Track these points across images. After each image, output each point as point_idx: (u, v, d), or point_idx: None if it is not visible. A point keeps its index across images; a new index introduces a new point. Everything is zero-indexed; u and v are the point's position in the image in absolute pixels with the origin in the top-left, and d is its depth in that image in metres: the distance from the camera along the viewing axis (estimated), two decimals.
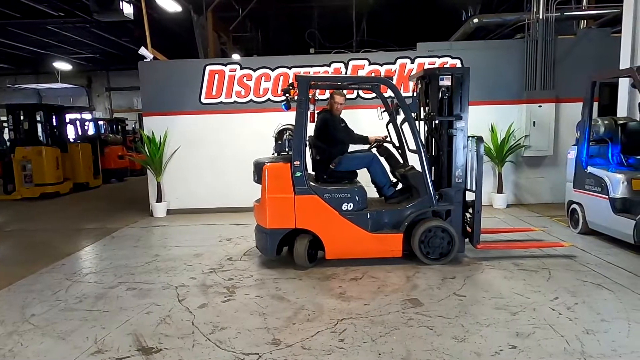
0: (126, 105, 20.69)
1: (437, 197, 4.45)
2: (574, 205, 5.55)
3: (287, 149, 4.44)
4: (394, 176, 5.02)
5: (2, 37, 14.40)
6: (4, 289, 4.21)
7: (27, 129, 10.23)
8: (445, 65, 7.23)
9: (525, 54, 7.21)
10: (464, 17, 11.00)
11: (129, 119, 17.87)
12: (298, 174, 4.25)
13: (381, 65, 7.34)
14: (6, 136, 13.25)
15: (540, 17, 7.13)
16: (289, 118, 4.73)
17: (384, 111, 5.06)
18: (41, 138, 10.53)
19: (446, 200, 4.51)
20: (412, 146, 4.59)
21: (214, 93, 7.49)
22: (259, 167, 4.49)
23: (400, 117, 4.99)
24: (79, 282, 4.33)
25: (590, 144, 5.35)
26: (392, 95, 4.68)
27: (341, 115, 4.93)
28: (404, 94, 7.24)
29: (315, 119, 4.73)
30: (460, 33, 8.80)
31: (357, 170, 4.83)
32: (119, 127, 15.61)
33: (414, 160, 4.88)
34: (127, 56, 17.45)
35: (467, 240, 4.71)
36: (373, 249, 4.43)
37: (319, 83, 5.10)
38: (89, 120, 13.28)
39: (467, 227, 4.67)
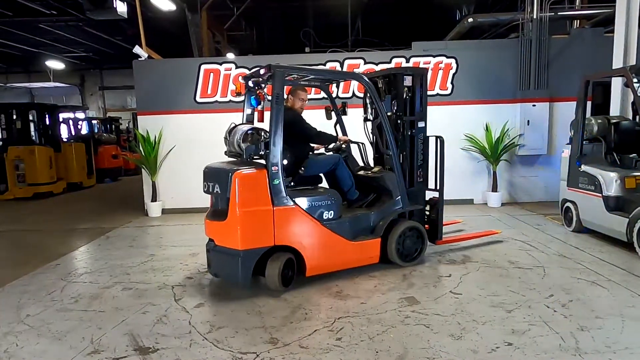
0: (120, 105, 20.55)
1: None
2: (567, 204, 5.60)
3: (262, 153, 3.86)
4: (355, 178, 4.73)
5: None
6: None
7: (19, 129, 10.14)
8: (440, 65, 7.27)
9: (520, 54, 7.26)
10: (458, 17, 11.06)
11: (123, 118, 17.75)
12: (276, 182, 3.71)
13: (376, 64, 7.35)
14: None
15: (534, 16, 7.18)
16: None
17: (331, 111, 4.89)
18: (34, 137, 10.44)
19: (412, 201, 4.53)
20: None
21: (209, 92, 7.47)
22: (220, 176, 3.78)
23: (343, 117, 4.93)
24: (74, 283, 4.30)
25: (584, 142, 5.40)
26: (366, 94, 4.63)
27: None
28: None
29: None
30: (455, 32, 8.85)
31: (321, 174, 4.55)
32: (113, 126, 15.51)
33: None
34: (121, 55, 17.32)
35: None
36: (353, 258, 4.22)
37: (294, 76, 4.46)
38: (83, 120, 13.18)
39: (426, 225, 4.73)
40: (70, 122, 12.55)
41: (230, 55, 11.20)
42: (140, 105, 7.63)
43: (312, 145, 4.58)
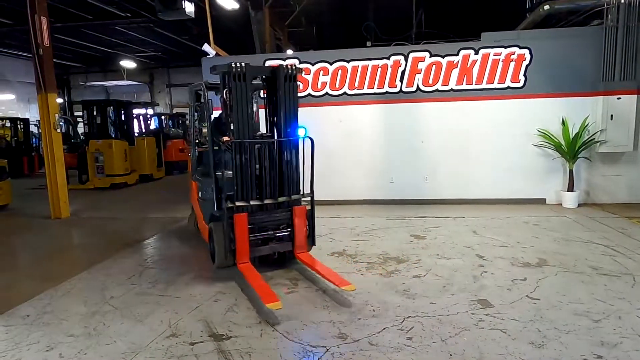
0: (185, 101, 21.59)
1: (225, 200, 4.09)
2: None
3: None
4: None
5: (75, 38, 15.53)
6: (84, 271, 4.53)
7: (99, 123, 10.96)
8: (512, 56, 6.86)
9: (603, 42, 6.66)
10: (528, 5, 10.36)
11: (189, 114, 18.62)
12: None
13: (443, 57, 7.08)
14: (79, 130, 14.29)
15: (622, 1, 6.56)
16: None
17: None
18: (111, 132, 11.24)
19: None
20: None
21: None
22: None
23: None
24: (150, 268, 4.56)
25: None
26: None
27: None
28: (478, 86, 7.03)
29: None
30: (528, 21, 8.29)
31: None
32: (180, 121, 16.31)
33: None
34: (186, 53, 18.21)
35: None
36: None
37: None
38: (152, 115, 13.98)
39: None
40: (142, 117, 13.38)
41: (289, 52, 11.32)
42: None
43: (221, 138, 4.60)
